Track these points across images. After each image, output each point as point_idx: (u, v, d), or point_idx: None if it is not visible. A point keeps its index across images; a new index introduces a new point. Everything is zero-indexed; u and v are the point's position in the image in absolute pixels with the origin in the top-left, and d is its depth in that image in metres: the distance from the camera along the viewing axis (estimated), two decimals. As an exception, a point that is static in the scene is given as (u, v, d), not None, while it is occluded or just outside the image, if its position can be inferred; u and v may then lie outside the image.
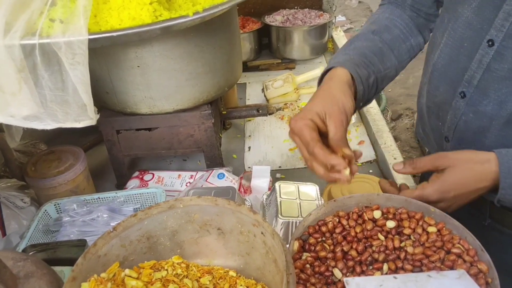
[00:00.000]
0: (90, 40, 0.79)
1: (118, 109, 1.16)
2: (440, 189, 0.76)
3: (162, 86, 1.10)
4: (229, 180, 1.23)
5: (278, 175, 1.32)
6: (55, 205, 1.11)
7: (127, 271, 0.76)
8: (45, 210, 1.10)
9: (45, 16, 0.78)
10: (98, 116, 0.87)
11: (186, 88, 1.12)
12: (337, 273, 0.71)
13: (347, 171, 0.78)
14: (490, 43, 0.76)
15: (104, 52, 1.03)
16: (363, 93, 0.88)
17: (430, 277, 0.58)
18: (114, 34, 0.82)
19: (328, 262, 0.72)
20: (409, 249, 0.69)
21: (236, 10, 1.15)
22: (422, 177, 1.07)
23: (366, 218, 0.76)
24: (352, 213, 0.78)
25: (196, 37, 1.06)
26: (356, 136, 1.46)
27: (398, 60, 0.95)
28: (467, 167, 0.74)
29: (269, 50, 2.09)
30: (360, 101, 0.90)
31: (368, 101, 0.95)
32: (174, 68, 1.07)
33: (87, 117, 0.84)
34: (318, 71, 1.31)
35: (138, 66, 1.05)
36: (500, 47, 0.75)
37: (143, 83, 1.08)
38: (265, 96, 1.66)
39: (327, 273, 0.71)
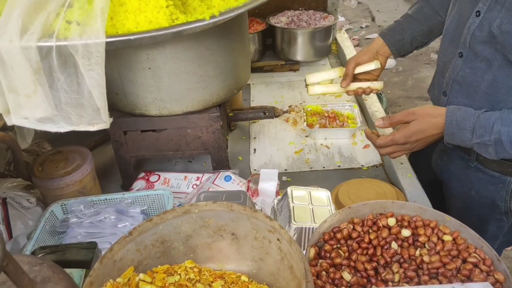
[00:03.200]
0: (107, 43, 0.78)
1: (127, 110, 1.16)
2: (405, 135, 1.05)
3: (173, 88, 1.09)
4: (236, 182, 1.23)
5: (284, 178, 1.32)
6: (61, 205, 1.10)
7: (141, 275, 0.76)
8: (52, 211, 1.09)
9: (62, 18, 0.78)
10: (111, 119, 0.86)
11: (197, 90, 1.12)
12: (346, 276, 0.71)
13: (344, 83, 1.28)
14: (477, 13, 0.99)
15: (115, 53, 1.02)
16: (397, 50, 1.32)
17: (454, 289, 0.58)
18: (132, 37, 0.81)
19: (343, 268, 0.72)
20: (425, 258, 0.70)
21: (247, 13, 1.15)
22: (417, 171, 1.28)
23: (380, 225, 0.77)
24: (367, 220, 0.78)
25: (207, 40, 1.06)
26: (361, 140, 1.47)
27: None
28: (426, 120, 1.04)
29: (273, 52, 2.08)
30: (398, 54, 1.34)
31: (412, 51, 1.36)
32: (185, 70, 1.07)
33: (101, 121, 0.83)
34: (332, 74, 1.33)
35: (149, 68, 1.04)
36: (483, 17, 0.97)
37: (153, 85, 1.07)
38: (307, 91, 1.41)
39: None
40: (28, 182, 1.14)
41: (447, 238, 0.72)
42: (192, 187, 1.27)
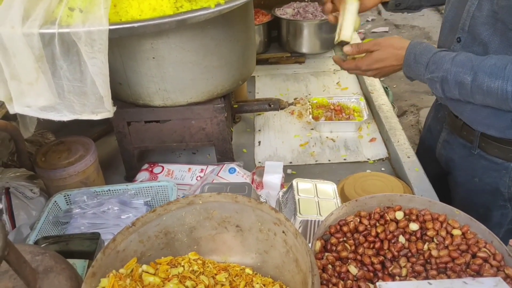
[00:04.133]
0: (110, 31, 0.77)
1: (131, 101, 1.14)
2: (367, 63, 1.14)
3: (177, 79, 1.08)
4: (241, 175, 1.22)
5: (289, 171, 1.30)
6: (65, 196, 1.10)
7: (144, 267, 0.75)
8: (55, 201, 1.08)
9: (64, 4, 0.76)
10: (115, 108, 0.85)
11: (201, 81, 1.10)
12: (352, 269, 0.70)
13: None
14: None
15: (119, 42, 1.00)
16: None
17: (466, 283, 0.57)
18: (135, 25, 0.80)
19: (349, 262, 0.71)
20: (434, 252, 0.68)
21: (252, 2, 1.13)
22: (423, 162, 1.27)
23: (388, 218, 0.75)
24: (374, 213, 0.77)
25: (213, 30, 1.04)
26: (367, 133, 1.45)
27: None
28: (388, 50, 1.11)
29: (279, 43, 2.06)
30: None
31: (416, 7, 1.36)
32: (190, 60, 1.05)
33: (104, 109, 0.82)
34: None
35: (154, 58, 1.03)
36: None
37: (157, 75, 1.06)
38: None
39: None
40: (31, 172, 1.14)
41: (456, 232, 0.70)
42: (196, 179, 1.26)
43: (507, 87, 0.90)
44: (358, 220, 0.76)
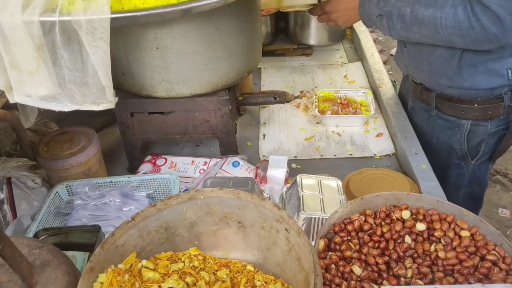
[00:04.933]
0: (112, 20, 0.75)
1: (134, 91, 1.13)
2: (326, 8, 1.33)
3: (181, 70, 1.05)
4: (244, 168, 1.20)
5: (293, 166, 1.28)
6: (67, 187, 1.08)
7: (144, 262, 0.74)
8: (57, 192, 1.07)
9: (65, -9, 0.74)
10: (117, 99, 0.83)
11: (205, 72, 1.08)
12: (356, 270, 0.68)
13: None
14: None
15: (122, 31, 0.98)
16: None
17: (474, 290, 0.55)
18: (138, 14, 0.77)
19: (353, 262, 0.69)
20: (441, 254, 0.66)
21: (258, -9, 1.11)
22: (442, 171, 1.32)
23: (394, 217, 0.73)
24: (380, 212, 0.75)
25: (217, 20, 1.02)
26: (374, 128, 1.42)
27: None
28: None
29: (286, 35, 2.03)
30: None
31: None
32: (194, 51, 1.03)
33: (106, 100, 0.80)
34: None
35: (157, 48, 1.01)
36: None
37: (161, 65, 1.04)
38: None
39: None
40: (33, 162, 1.13)
41: (465, 233, 0.68)
42: (199, 172, 1.24)
43: (437, 13, 1.03)
44: (363, 218, 0.74)
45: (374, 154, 1.32)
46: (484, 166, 1.35)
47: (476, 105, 1.21)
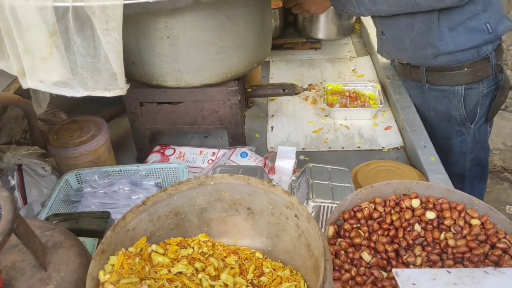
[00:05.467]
0: (124, 6, 0.75)
1: (144, 81, 1.13)
2: None
3: (191, 59, 1.06)
4: (253, 159, 1.21)
5: (301, 157, 1.28)
6: (76, 175, 1.09)
7: (154, 246, 0.74)
8: (66, 180, 1.08)
9: (79, -23, 0.74)
10: (128, 86, 0.84)
11: (215, 62, 1.08)
12: (366, 256, 0.68)
13: None
14: None
15: (133, 20, 0.99)
16: None
17: (487, 273, 0.55)
18: (151, 0, 0.78)
19: (362, 249, 0.69)
20: (451, 242, 0.66)
21: (269, -18, 1.11)
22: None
23: (404, 206, 0.73)
24: (389, 200, 0.75)
25: (228, 9, 1.02)
26: (382, 122, 1.42)
27: None
28: None
29: (294, 29, 2.02)
30: None
31: None
32: (205, 40, 1.03)
33: (117, 87, 0.81)
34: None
35: (168, 37, 1.01)
36: None
37: (171, 54, 1.04)
38: None
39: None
40: (43, 151, 1.14)
41: (475, 222, 0.68)
42: (208, 162, 1.25)
43: None
44: (373, 206, 0.74)
45: (382, 147, 1.32)
46: (483, 128, 1.42)
47: (466, 69, 1.28)
